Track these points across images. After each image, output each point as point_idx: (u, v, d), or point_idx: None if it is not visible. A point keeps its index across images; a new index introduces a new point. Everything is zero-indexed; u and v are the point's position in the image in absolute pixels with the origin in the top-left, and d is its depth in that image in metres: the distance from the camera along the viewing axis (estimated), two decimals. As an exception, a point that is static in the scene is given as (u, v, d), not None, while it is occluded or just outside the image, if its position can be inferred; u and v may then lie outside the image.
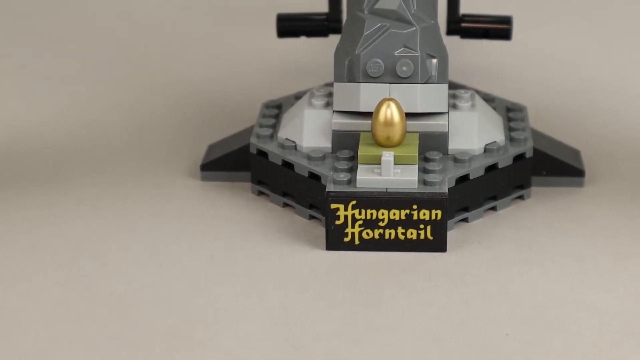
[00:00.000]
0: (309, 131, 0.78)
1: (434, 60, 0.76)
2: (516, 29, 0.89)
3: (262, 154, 0.79)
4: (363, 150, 0.74)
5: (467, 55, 1.05)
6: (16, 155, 0.93)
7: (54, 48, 1.17)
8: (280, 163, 0.77)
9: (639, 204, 0.80)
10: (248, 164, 0.81)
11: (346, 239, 0.72)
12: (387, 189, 0.72)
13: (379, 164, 0.72)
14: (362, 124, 0.76)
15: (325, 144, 0.77)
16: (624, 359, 0.62)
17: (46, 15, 1.24)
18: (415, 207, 0.71)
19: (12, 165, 0.91)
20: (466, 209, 0.76)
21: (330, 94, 0.79)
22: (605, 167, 0.86)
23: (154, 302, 0.69)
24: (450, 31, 0.87)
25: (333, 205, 0.71)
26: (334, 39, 0.83)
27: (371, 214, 0.71)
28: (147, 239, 0.76)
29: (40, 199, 0.83)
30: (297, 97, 0.85)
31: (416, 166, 0.73)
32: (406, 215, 0.71)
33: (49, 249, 0.76)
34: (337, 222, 0.72)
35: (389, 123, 0.73)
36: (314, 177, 0.75)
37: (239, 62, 1.09)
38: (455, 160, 0.75)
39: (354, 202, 0.71)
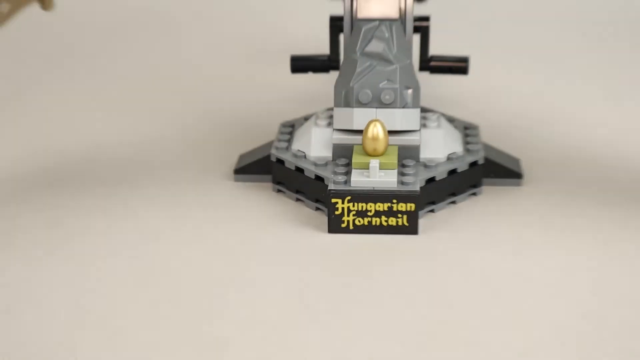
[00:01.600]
0: (315, 144, 0.79)
1: (410, 91, 0.77)
2: (472, 67, 0.87)
3: (280, 161, 0.80)
4: (356, 159, 0.75)
5: (435, 87, 1.01)
6: (97, 163, 0.91)
7: (126, 82, 1.14)
8: (293, 168, 0.78)
9: (564, 199, 0.80)
10: (270, 169, 0.82)
11: (343, 225, 0.73)
12: (374, 187, 0.73)
13: (368, 169, 0.74)
14: (356, 139, 0.77)
15: (328, 154, 0.78)
16: (552, 315, 0.63)
17: (118, 56, 1.22)
18: (395, 201, 0.73)
19: (92, 172, 0.89)
20: (433, 203, 0.77)
21: (331, 116, 0.80)
22: (539, 171, 0.86)
23: (199, 272, 0.70)
24: (421, 68, 0.87)
25: (333, 200, 0.73)
26: (334, 75, 0.83)
27: (362, 206, 0.73)
28: (195, 226, 0.77)
29: (114, 198, 0.83)
30: (306, 118, 0.86)
31: (396, 171, 0.74)
32: (388, 207, 0.73)
33: (121, 234, 0.76)
34: (337, 212, 0.73)
35: (375, 138, 0.74)
36: (319, 179, 0.76)
37: (263, 92, 1.08)
38: (425, 166, 0.76)
39: (349, 198, 0.73)
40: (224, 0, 1.38)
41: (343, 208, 0.73)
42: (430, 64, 0.87)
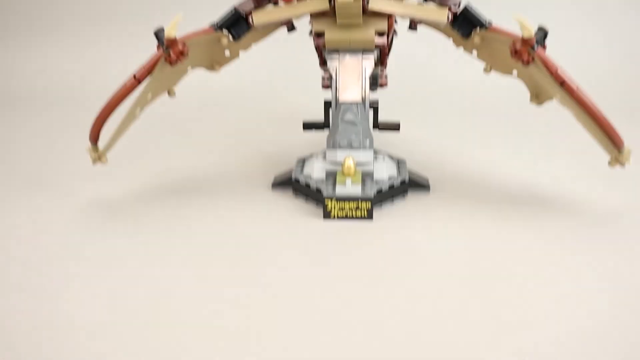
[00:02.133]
0: (316, 170, 0.83)
1: (367, 140, 0.80)
2: (401, 127, 0.90)
3: (297, 180, 0.83)
4: (338, 178, 0.78)
5: (381, 137, 1.01)
6: (178, 182, 0.89)
7: (195, 128, 1.14)
8: (304, 184, 0.82)
9: (456, 202, 0.81)
10: (291, 183, 0.85)
11: (331, 215, 0.77)
12: (348, 194, 0.76)
13: (345, 184, 0.77)
14: (338, 167, 0.80)
15: (323, 175, 0.81)
16: (455, 274, 0.64)
17: (195, 117, 1.21)
18: (359, 202, 0.76)
19: (174, 188, 0.86)
20: (380, 202, 0.80)
21: (325, 154, 0.83)
22: (441, 185, 0.87)
23: (235, 248, 0.70)
24: (374, 127, 0.89)
25: (326, 201, 0.77)
26: (327, 131, 0.86)
27: (341, 204, 0.77)
28: (247, 216, 0.78)
29: (191, 205, 0.81)
30: (311, 155, 0.88)
31: (360, 185, 0.77)
32: (356, 205, 0.76)
33: (197, 231, 0.74)
34: (327, 209, 0.77)
35: (349, 167, 0.77)
36: (319, 190, 0.80)
37: (288, 140, 1.09)
38: (376, 182, 0.80)
39: (335, 200, 0.77)
40: (266, 86, 1.40)
41: (331, 205, 0.77)
42: (379, 126, 0.90)
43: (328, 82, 0.90)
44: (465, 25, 0.77)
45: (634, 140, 0.79)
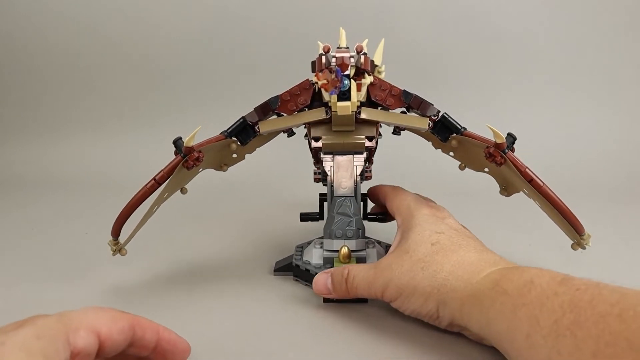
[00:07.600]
0: (314, 257, 0.81)
1: (360, 230, 0.79)
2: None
3: (297, 265, 0.81)
4: (335, 264, 0.77)
5: (372, 226, 1.01)
6: (199, 270, 0.88)
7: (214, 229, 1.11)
8: (304, 269, 0.80)
9: None
10: (292, 268, 0.83)
11: (330, 298, 0.75)
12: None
13: None
14: (335, 254, 0.78)
15: (321, 262, 0.80)
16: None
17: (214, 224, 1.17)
18: None
19: (192, 274, 0.85)
20: None
21: (322, 242, 0.81)
22: None
23: (241, 328, 0.68)
24: (364, 218, 0.89)
25: None
26: (322, 222, 0.85)
27: None
28: (252, 298, 0.77)
29: (211, 288, 0.79)
30: (308, 243, 0.86)
31: None
32: None
33: (214, 308, 0.74)
34: None
35: (344, 254, 0.77)
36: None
37: (288, 229, 1.08)
38: None
39: None
40: (265, 182, 1.43)
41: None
42: (368, 216, 0.90)
43: (319, 177, 0.92)
44: (443, 131, 0.78)
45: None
